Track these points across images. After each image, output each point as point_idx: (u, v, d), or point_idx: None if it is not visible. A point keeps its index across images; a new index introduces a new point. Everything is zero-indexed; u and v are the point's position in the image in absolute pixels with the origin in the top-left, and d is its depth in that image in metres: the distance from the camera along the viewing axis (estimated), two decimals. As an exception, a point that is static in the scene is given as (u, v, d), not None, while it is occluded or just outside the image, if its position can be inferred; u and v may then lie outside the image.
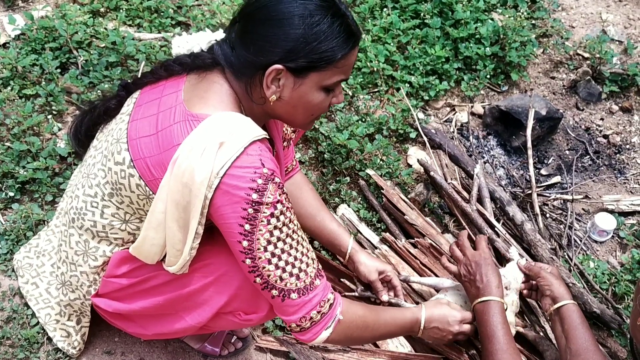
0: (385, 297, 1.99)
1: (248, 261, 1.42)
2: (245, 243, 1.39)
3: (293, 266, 1.44)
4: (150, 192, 1.45)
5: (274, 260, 1.42)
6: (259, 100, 1.44)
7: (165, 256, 1.55)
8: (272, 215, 1.38)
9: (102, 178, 1.54)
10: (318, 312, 1.50)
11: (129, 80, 1.60)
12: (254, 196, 1.35)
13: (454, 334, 1.85)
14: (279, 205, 1.38)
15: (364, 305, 1.70)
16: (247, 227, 1.37)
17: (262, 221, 1.37)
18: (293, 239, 1.44)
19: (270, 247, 1.40)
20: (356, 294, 2.06)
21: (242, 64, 1.42)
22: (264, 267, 1.42)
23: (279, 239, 1.41)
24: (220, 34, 1.49)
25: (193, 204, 1.38)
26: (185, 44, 1.52)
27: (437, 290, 2.07)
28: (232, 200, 1.36)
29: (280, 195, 1.39)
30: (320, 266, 1.53)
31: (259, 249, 1.40)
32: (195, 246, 1.47)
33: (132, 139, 1.46)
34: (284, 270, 1.43)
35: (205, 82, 1.45)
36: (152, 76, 1.54)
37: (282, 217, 1.40)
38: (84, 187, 1.59)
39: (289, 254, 1.43)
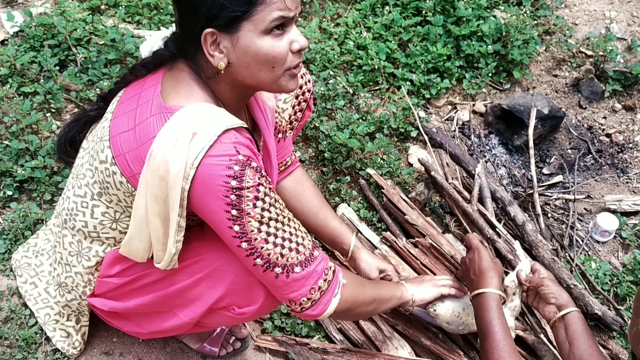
0: None
1: (244, 244, 1.40)
2: (236, 228, 1.38)
3: (290, 241, 1.44)
4: (133, 189, 1.44)
5: (271, 238, 1.41)
6: (214, 75, 1.41)
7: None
8: (256, 198, 1.37)
9: (90, 178, 1.54)
10: (325, 281, 1.51)
11: (106, 91, 1.60)
12: (233, 183, 1.34)
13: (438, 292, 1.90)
14: (261, 188, 1.37)
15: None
16: (234, 212, 1.36)
17: (248, 205, 1.36)
18: (284, 217, 1.44)
19: (264, 227, 1.40)
20: None
21: (185, 45, 1.40)
22: (262, 247, 1.41)
23: (270, 218, 1.40)
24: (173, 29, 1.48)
25: (171, 197, 1.36)
26: (150, 46, 1.51)
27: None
28: (211, 189, 1.34)
29: (259, 178, 1.37)
30: (313, 237, 1.53)
31: (252, 231, 1.38)
32: (179, 239, 1.46)
33: (113, 136, 1.45)
34: (282, 247, 1.43)
35: (175, 72, 1.44)
36: (122, 82, 1.54)
37: (267, 199, 1.39)
38: (74, 188, 1.59)
39: (284, 231, 1.43)
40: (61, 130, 1.67)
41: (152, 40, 1.53)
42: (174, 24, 1.47)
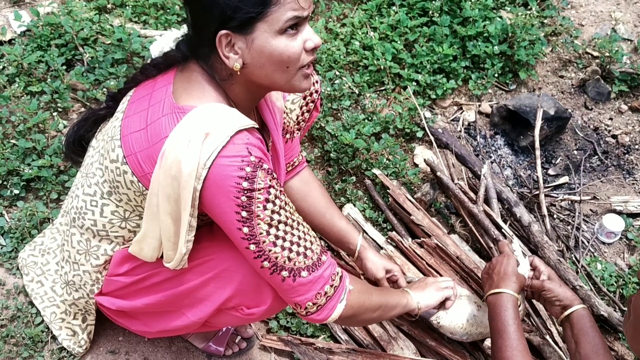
0: None
1: (252, 247, 1.41)
2: (245, 229, 1.38)
3: (298, 245, 1.44)
4: (143, 188, 1.45)
5: (279, 242, 1.41)
6: (228, 77, 1.41)
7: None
8: (267, 200, 1.37)
9: (100, 177, 1.54)
10: (331, 286, 1.51)
11: (115, 91, 1.60)
12: (245, 184, 1.34)
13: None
14: (272, 190, 1.38)
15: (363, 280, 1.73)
16: (244, 214, 1.36)
17: (258, 207, 1.36)
18: (293, 220, 1.44)
19: (273, 230, 1.40)
20: None
21: (198, 47, 1.41)
22: (270, 250, 1.41)
23: (279, 221, 1.40)
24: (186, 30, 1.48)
25: (183, 197, 1.37)
26: (160, 46, 1.51)
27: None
28: (222, 190, 1.35)
29: (270, 180, 1.38)
30: (323, 243, 1.53)
31: (261, 233, 1.39)
32: (190, 239, 1.46)
33: (124, 135, 1.45)
34: (290, 250, 1.43)
35: (187, 73, 1.44)
36: (132, 82, 1.54)
37: (277, 201, 1.39)
38: (83, 187, 1.60)
39: (292, 234, 1.43)
40: (70, 128, 1.68)
41: (162, 41, 1.54)
42: (185, 25, 1.47)
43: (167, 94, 1.42)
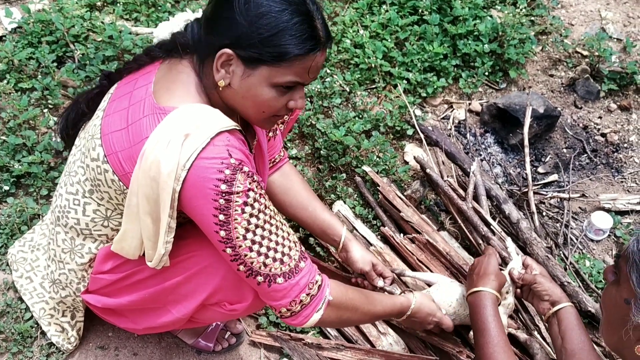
0: (380, 282, 1.99)
1: (229, 250, 1.41)
2: (222, 233, 1.38)
3: (275, 251, 1.43)
4: (124, 187, 1.45)
5: (255, 247, 1.41)
6: (211, 85, 1.42)
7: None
8: (245, 204, 1.37)
9: (81, 175, 1.54)
10: (307, 295, 1.49)
11: (112, 70, 1.60)
12: (223, 187, 1.33)
13: (428, 328, 1.94)
14: (250, 193, 1.37)
15: (352, 287, 1.70)
16: (221, 217, 1.36)
17: (236, 210, 1.36)
18: (272, 225, 1.43)
19: (250, 235, 1.39)
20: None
21: (201, 43, 1.41)
22: (245, 255, 1.41)
23: (257, 226, 1.40)
24: (199, 14, 1.48)
25: (162, 198, 1.37)
26: (170, 27, 1.51)
27: (430, 286, 2.07)
28: (201, 192, 1.34)
29: (250, 183, 1.37)
30: (303, 249, 1.53)
31: (237, 237, 1.38)
32: (169, 240, 1.46)
33: (105, 134, 1.45)
34: (266, 256, 1.42)
35: (174, 72, 1.44)
36: (135, 63, 1.54)
37: (256, 205, 1.39)
38: (66, 185, 1.60)
39: (270, 240, 1.42)
40: (63, 114, 1.66)
41: (172, 22, 1.53)
42: (201, 10, 1.46)
43: (147, 94, 1.42)
